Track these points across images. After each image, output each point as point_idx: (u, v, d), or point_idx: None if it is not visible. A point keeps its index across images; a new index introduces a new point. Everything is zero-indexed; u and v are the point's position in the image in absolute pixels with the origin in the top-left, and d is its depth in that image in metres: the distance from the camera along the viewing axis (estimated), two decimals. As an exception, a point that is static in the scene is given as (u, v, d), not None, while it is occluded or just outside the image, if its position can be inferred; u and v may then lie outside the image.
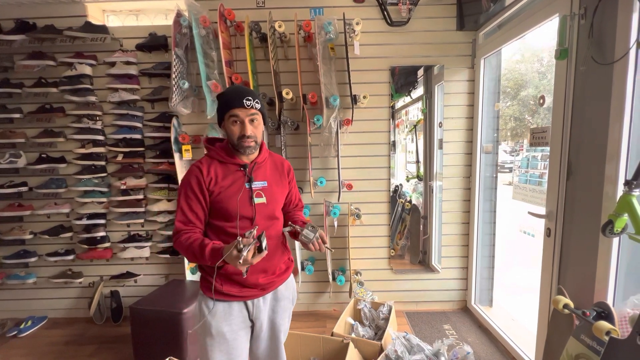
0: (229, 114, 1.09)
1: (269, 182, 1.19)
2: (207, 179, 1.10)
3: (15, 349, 2.22)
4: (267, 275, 1.18)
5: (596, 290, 1.34)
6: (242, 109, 1.08)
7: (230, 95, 1.10)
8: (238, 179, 1.14)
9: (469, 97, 2.42)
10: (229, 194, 1.11)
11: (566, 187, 1.52)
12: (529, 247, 4.12)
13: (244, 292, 1.15)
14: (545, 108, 1.70)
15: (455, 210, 2.52)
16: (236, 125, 1.10)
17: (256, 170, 1.17)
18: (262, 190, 1.16)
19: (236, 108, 1.08)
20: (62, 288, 2.57)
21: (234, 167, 1.15)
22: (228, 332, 1.13)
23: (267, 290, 1.19)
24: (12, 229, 2.45)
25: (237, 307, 1.15)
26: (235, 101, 1.08)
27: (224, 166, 1.15)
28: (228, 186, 1.12)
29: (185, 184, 1.12)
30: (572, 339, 1.29)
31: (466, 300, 2.58)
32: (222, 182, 1.12)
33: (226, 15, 2.18)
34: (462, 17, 2.30)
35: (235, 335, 1.15)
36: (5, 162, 2.34)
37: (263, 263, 1.14)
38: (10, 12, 2.30)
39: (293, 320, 2.53)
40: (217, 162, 1.15)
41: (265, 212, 1.16)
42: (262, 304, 1.19)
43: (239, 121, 1.10)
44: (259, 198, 1.15)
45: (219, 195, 1.11)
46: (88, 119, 2.35)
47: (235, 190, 1.12)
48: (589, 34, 1.33)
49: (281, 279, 1.24)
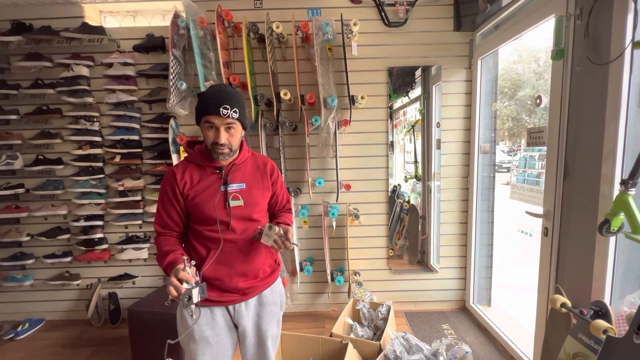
0: (205, 118, 1.06)
1: (248, 183, 1.17)
2: (181, 184, 1.10)
3: (13, 352, 2.20)
4: (247, 280, 1.15)
5: (593, 289, 1.35)
6: (218, 117, 1.04)
7: (209, 100, 1.05)
8: (214, 182, 1.12)
9: (466, 97, 2.43)
10: (204, 198, 1.10)
11: (563, 187, 1.53)
12: (527, 246, 4.14)
13: (225, 296, 1.13)
14: (542, 108, 1.70)
15: (453, 210, 2.53)
16: (211, 131, 1.07)
17: (234, 172, 1.15)
18: (240, 193, 1.14)
19: (212, 115, 1.04)
20: (60, 290, 2.56)
21: (210, 170, 1.13)
22: (211, 337, 1.12)
23: (248, 295, 1.17)
24: (9, 231, 2.44)
25: (219, 312, 1.14)
26: (211, 108, 1.04)
27: (200, 169, 1.13)
28: (203, 189, 1.11)
29: (162, 189, 1.14)
30: (570, 338, 1.29)
31: (465, 300, 2.59)
32: (197, 185, 1.11)
33: (224, 16, 2.18)
34: (459, 17, 2.31)
35: (219, 338, 1.14)
36: (2, 164, 2.33)
37: (243, 266, 1.14)
38: (7, 13, 2.29)
39: (292, 321, 2.52)
40: (194, 166, 1.14)
41: (242, 215, 1.14)
42: (244, 309, 1.16)
43: (215, 127, 1.06)
44: (236, 201, 1.13)
45: (195, 199, 1.10)
46: (85, 120, 2.34)
47: (211, 194, 1.11)
48: (585, 35, 1.34)
49: (264, 284, 1.20)
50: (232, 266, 1.13)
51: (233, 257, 1.14)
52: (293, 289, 2.48)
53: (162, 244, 1.09)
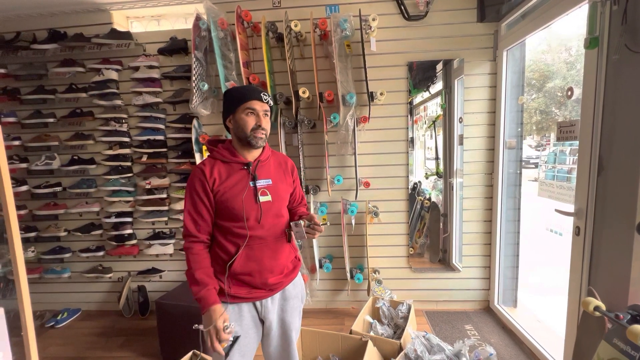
0: (245, 105, 1.11)
1: (274, 179, 1.19)
2: (211, 180, 1.11)
3: (53, 339, 2.37)
4: (274, 276, 1.18)
5: (630, 292, 1.27)
6: (259, 102, 1.12)
7: (246, 89, 1.13)
8: (242, 178, 1.14)
9: (490, 91, 2.34)
10: (234, 193, 1.11)
11: (597, 184, 1.44)
12: (557, 246, 3.94)
13: (253, 293, 1.16)
14: (573, 100, 1.61)
15: (476, 207, 2.45)
16: (251, 117, 1.11)
17: (260, 168, 1.17)
18: (267, 188, 1.16)
19: (254, 100, 1.11)
20: (94, 282, 2.72)
21: (237, 166, 1.15)
22: (239, 332, 1.14)
23: (275, 291, 1.20)
24: (49, 227, 2.62)
25: (246, 308, 1.17)
26: (254, 94, 1.11)
27: (227, 166, 1.15)
28: (232, 185, 1.12)
29: (190, 187, 1.13)
30: (604, 343, 1.22)
31: (489, 301, 2.51)
32: (226, 181, 1.12)
33: (243, 17, 2.22)
34: (483, 8, 2.22)
35: (246, 334, 1.16)
36: (42, 164, 2.50)
37: (271, 262, 1.16)
38: (44, 23, 2.44)
39: (311, 317, 2.54)
40: (220, 162, 1.15)
41: (271, 210, 1.16)
42: (270, 304, 1.19)
43: (255, 113, 1.12)
44: (264, 196, 1.15)
45: (224, 195, 1.11)
46: (115, 121, 2.46)
47: (240, 189, 1.12)
48: (623, 21, 1.25)
49: (289, 279, 1.24)
50: (261, 262, 1.15)
51: (262, 253, 1.15)
52: (312, 286, 2.50)
53: (194, 264, 1.09)
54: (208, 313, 1.04)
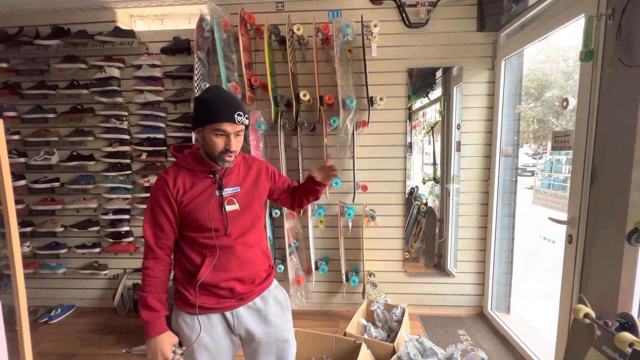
0: (215, 126, 1.00)
1: (243, 187, 1.13)
2: (174, 190, 1.05)
3: (47, 334, 2.36)
4: (244, 285, 1.12)
5: (620, 301, 1.29)
6: (232, 124, 1.00)
7: (220, 106, 1.00)
8: (208, 187, 1.08)
9: (488, 99, 2.37)
10: (199, 203, 1.05)
11: (589, 193, 1.48)
12: (550, 253, 3.98)
13: (222, 303, 1.10)
14: (570, 110, 1.64)
15: (472, 214, 2.48)
16: (221, 139, 1.02)
17: (227, 175, 1.11)
18: (234, 197, 1.10)
19: (226, 122, 0.99)
20: (89, 279, 2.72)
21: (203, 175, 1.08)
22: (210, 343, 1.10)
23: (245, 300, 1.13)
24: (45, 222, 2.62)
25: (216, 319, 1.11)
26: (226, 115, 0.99)
27: (192, 174, 1.08)
28: (197, 195, 1.06)
29: (152, 198, 1.07)
30: (593, 350, 1.25)
31: (482, 306, 2.53)
32: (190, 191, 1.06)
33: (246, 19, 2.24)
34: (483, 17, 2.26)
35: (217, 345, 1.11)
36: (40, 159, 2.50)
37: (239, 272, 1.10)
38: (47, 19, 2.45)
39: (306, 319, 2.55)
40: (185, 170, 1.08)
41: (239, 219, 1.10)
42: (243, 314, 1.13)
43: (226, 135, 1.02)
44: (231, 205, 1.09)
45: (189, 205, 1.05)
46: (115, 119, 2.47)
47: (206, 199, 1.06)
48: (617, 35, 1.29)
49: (261, 288, 1.17)
50: (228, 272, 1.09)
51: (229, 262, 1.10)
52: (308, 288, 2.51)
53: (149, 288, 1.05)
54: (154, 340, 1.03)
